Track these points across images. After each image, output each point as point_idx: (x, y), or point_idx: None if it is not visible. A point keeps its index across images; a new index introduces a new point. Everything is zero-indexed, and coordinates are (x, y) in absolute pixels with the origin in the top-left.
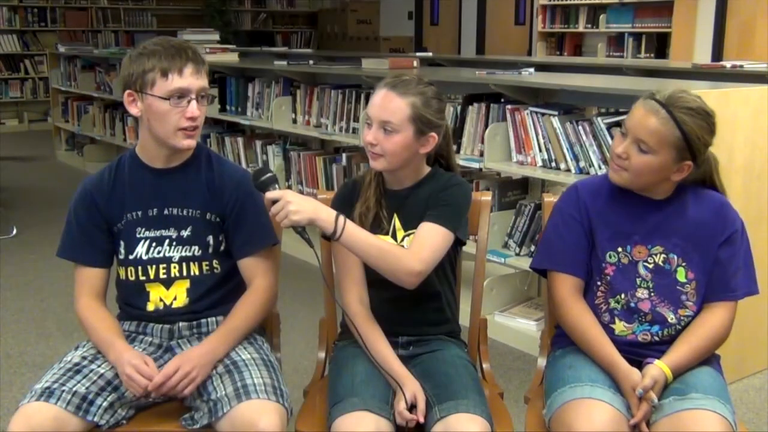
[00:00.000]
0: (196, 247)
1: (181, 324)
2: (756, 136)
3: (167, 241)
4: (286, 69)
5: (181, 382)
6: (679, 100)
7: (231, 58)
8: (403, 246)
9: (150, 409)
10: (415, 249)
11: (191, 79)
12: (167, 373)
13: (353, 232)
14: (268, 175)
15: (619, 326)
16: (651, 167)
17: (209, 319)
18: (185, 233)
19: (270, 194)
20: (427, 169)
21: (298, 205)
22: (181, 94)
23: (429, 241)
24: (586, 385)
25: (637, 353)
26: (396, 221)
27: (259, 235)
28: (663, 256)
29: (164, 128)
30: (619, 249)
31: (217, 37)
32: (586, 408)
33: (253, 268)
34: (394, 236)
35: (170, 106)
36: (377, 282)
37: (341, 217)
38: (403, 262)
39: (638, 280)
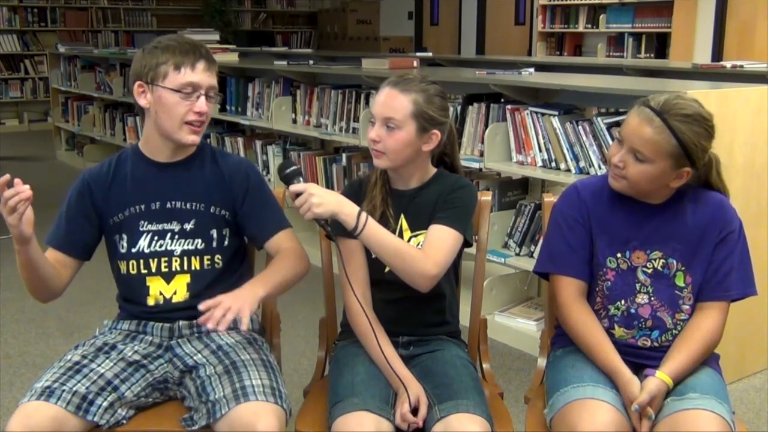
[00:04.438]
0: (199, 240)
1: (181, 323)
2: (756, 136)
3: (169, 234)
4: (286, 69)
5: (219, 308)
6: (674, 107)
7: (231, 58)
8: None
9: (150, 410)
10: (429, 252)
11: (203, 75)
12: (208, 303)
13: (374, 229)
14: (293, 168)
15: (619, 332)
16: (648, 176)
17: None
18: (188, 226)
19: (294, 187)
20: (433, 170)
21: (321, 198)
22: (192, 89)
23: (442, 243)
24: (588, 386)
25: (636, 355)
26: (403, 221)
27: (275, 218)
28: (662, 261)
29: (171, 121)
30: (618, 255)
31: (217, 37)
32: (589, 408)
33: (278, 244)
34: (400, 236)
35: (179, 99)
36: (381, 282)
37: (363, 213)
38: (420, 265)
39: (638, 286)
